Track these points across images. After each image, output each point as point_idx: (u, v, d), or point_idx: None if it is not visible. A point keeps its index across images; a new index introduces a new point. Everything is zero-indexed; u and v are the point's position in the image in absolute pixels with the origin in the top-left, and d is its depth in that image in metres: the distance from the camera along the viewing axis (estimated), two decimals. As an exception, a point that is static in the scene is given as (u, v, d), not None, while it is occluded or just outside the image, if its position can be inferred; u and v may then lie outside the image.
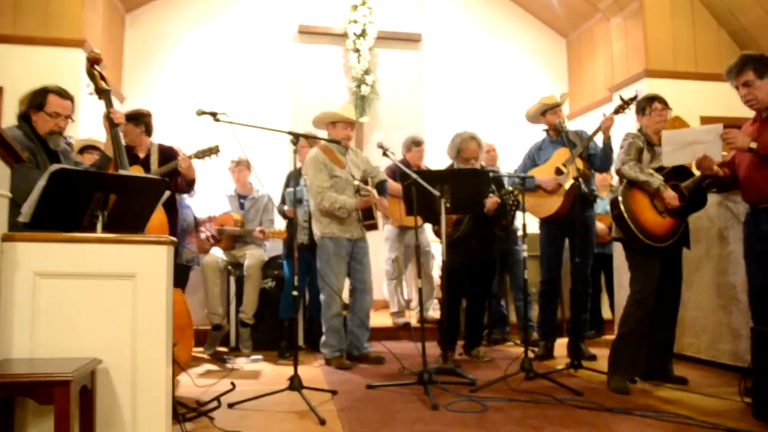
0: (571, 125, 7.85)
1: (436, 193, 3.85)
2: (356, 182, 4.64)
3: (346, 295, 5.03)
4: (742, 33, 7.09)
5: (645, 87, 6.60)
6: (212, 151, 4.28)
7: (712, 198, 4.37)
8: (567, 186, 4.70)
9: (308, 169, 4.82)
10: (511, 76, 8.63)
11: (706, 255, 4.59)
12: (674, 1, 7.12)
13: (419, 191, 3.99)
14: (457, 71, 8.55)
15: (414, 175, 3.93)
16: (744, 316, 4.13)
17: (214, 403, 3.42)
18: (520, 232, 5.87)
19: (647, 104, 4.08)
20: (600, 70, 8.02)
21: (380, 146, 4.34)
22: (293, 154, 3.90)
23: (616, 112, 4.61)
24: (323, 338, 4.83)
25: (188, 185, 4.30)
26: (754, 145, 3.33)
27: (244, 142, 5.35)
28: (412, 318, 6.17)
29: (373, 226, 4.96)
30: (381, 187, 5.00)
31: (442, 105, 8.37)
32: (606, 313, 6.28)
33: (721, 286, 4.46)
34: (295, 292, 3.95)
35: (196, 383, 3.95)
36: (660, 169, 3.85)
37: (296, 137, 3.81)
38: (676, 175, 3.84)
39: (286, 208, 5.33)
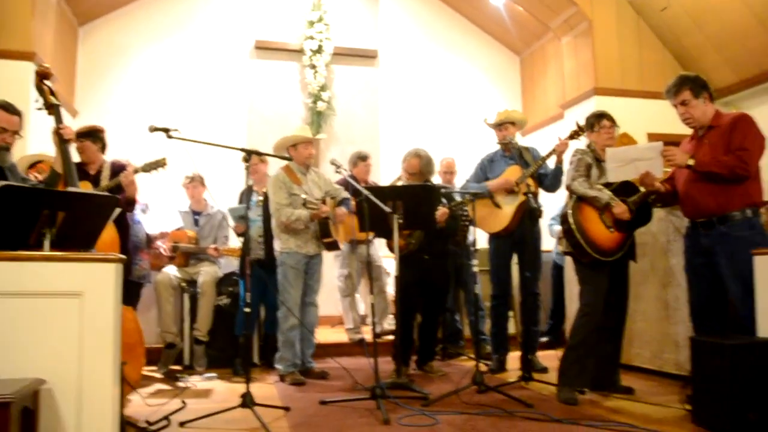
0: (525, 141, 8.04)
1: (387, 209, 3.89)
2: (303, 196, 4.67)
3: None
4: (684, 54, 7.36)
5: (594, 105, 6.79)
6: (159, 164, 4.20)
7: (656, 213, 4.52)
8: (522, 193, 4.74)
9: (269, 188, 4.92)
10: (466, 92, 8.78)
11: (651, 268, 4.74)
12: (621, 22, 7.35)
13: (372, 207, 4.04)
14: (412, 87, 8.65)
15: (366, 192, 3.97)
16: (686, 326, 4.26)
17: (164, 422, 3.38)
18: (473, 248, 5.98)
19: (596, 121, 4.21)
20: (552, 87, 8.22)
21: (333, 163, 4.40)
22: (246, 171, 3.89)
23: (571, 137, 4.67)
24: (278, 353, 4.83)
25: (128, 203, 4.19)
26: (691, 162, 3.48)
27: (199, 158, 5.39)
28: (367, 334, 6.19)
29: (334, 245, 4.99)
30: (342, 204, 5.06)
31: (398, 120, 8.45)
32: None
33: (666, 298, 4.62)
34: (247, 309, 3.94)
35: (146, 403, 3.89)
36: (608, 185, 3.96)
37: (248, 154, 3.81)
38: (623, 190, 3.96)
39: (232, 224, 5.36)
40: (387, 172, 7.45)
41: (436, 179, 6.38)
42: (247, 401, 3.57)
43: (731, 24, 6.65)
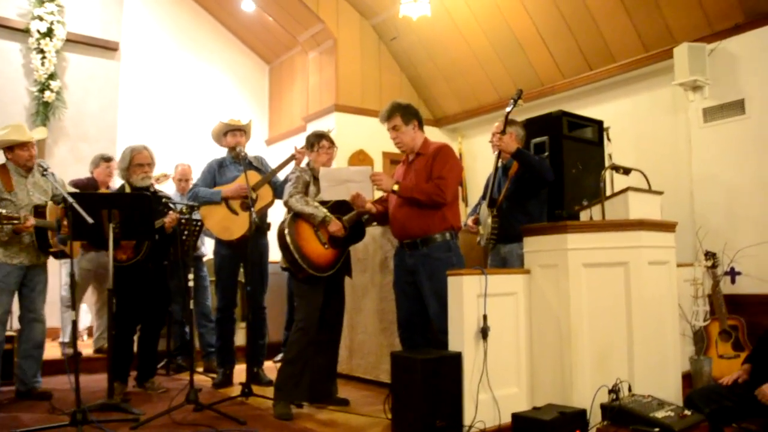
0: (269, 150, 8.09)
1: (90, 219, 3.60)
2: (2, 211, 4.16)
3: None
4: (419, 81, 7.96)
5: (334, 120, 7.04)
6: None
7: (377, 230, 4.78)
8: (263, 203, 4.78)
9: None
10: (213, 97, 8.61)
11: (371, 282, 4.98)
12: (364, 44, 7.73)
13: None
14: (157, 86, 8.24)
15: (70, 199, 3.63)
16: (401, 338, 4.55)
17: None
18: (206, 258, 5.84)
19: (316, 141, 4.32)
20: (298, 99, 8.38)
21: (40, 165, 3.97)
22: None
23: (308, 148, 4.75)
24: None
25: None
26: (396, 187, 3.72)
27: None
28: (88, 348, 5.74)
29: (61, 254, 4.56)
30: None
31: (140, 119, 7.98)
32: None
33: (383, 312, 4.87)
34: None
35: None
36: (324, 203, 4.07)
37: None
38: (339, 208, 4.10)
39: None
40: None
41: (171, 186, 6.14)
42: None
43: (457, 59, 7.35)
